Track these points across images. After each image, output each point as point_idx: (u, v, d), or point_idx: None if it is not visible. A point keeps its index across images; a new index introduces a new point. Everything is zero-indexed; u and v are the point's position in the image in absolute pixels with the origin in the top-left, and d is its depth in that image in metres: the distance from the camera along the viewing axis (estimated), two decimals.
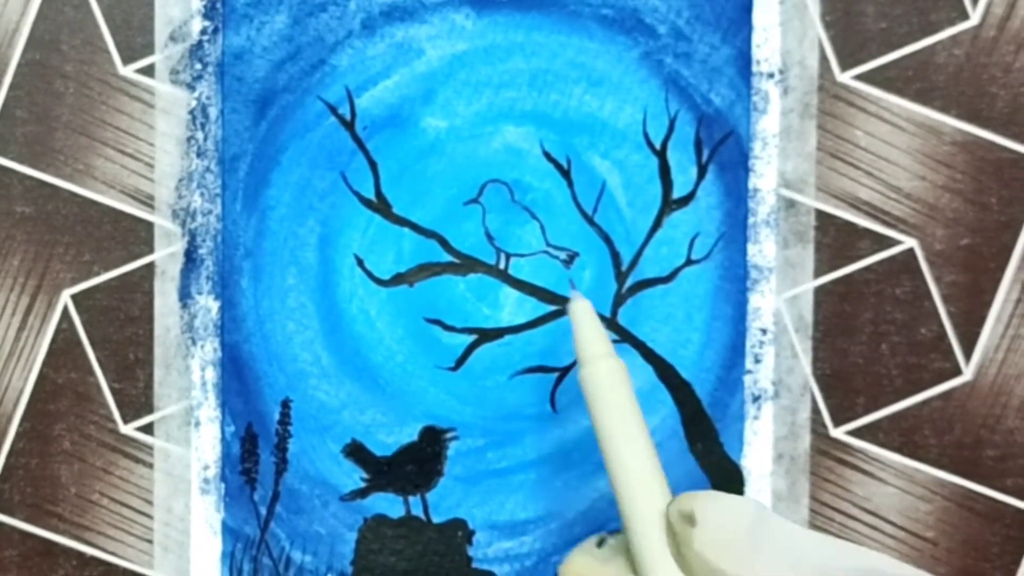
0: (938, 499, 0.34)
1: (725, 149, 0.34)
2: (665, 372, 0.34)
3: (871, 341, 0.34)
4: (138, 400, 0.34)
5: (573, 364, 0.34)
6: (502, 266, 0.34)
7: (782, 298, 0.34)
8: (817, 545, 0.25)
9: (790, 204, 0.34)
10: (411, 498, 0.34)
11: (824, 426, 0.34)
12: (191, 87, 0.34)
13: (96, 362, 0.34)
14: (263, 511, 0.34)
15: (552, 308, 0.34)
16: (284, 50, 0.34)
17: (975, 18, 0.34)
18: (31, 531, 0.34)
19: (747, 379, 0.34)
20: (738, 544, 0.25)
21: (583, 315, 0.30)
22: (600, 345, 0.30)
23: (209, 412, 0.34)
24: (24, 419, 0.34)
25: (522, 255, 0.34)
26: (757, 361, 0.34)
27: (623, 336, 0.34)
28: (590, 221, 0.34)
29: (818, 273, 0.34)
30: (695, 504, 0.26)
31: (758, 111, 0.34)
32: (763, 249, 0.34)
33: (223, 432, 0.34)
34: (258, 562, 0.34)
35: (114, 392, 0.34)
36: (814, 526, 0.34)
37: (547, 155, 0.34)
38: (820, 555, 0.24)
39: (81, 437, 0.34)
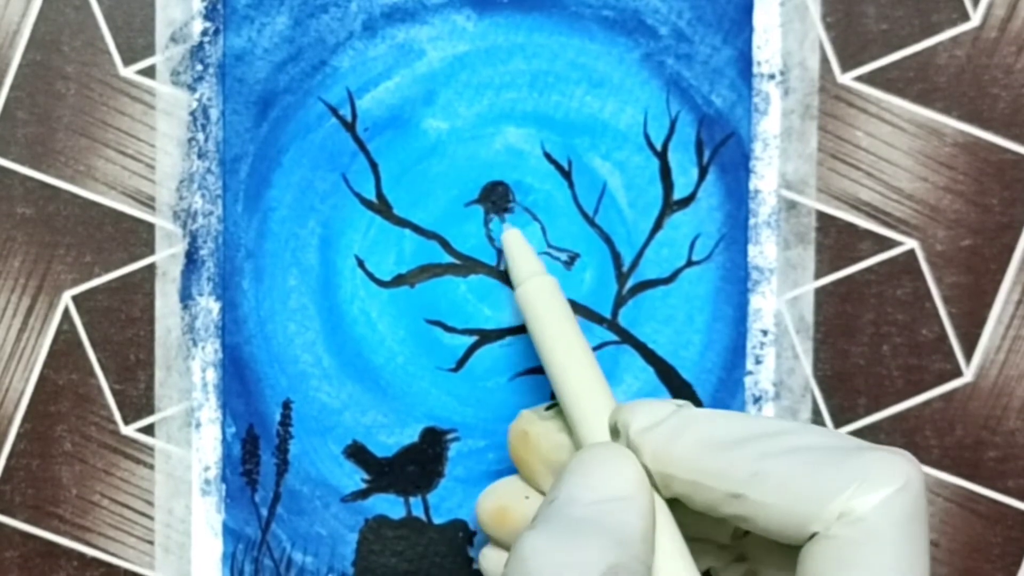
0: (939, 500, 0.34)
1: (726, 150, 0.34)
2: (666, 373, 0.34)
3: (872, 342, 0.34)
4: (139, 401, 0.34)
5: None
6: (503, 267, 0.34)
7: (783, 299, 0.34)
8: (734, 419, 0.26)
9: (791, 205, 0.34)
10: (412, 499, 0.34)
11: (825, 427, 0.34)
12: (192, 88, 0.34)
13: (97, 363, 0.34)
14: (264, 512, 0.34)
15: None
16: (285, 51, 0.34)
17: (976, 19, 0.34)
18: (32, 532, 0.34)
19: (748, 380, 0.34)
20: (659, 431, 0.26)
21: (514, 242, 0.32)
22: (533, 264, 0.31)
23: (210, 413, 0.34)
24: (25, 420, 0.34)
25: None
26: (758, 362, 0.34)
27: (624, 337, 0.34)
28: (591, 222, 0.34)
29: (819, 274, 0.34)
30: (623, 410, 0.27)
31: (759, 112, 0.34)
32: (764, 250, 0.34)
33: (224, 433, 0.34)
34: (259, 563, 0.34)
35: (115, 393, 0.34)
36: None
37: (548, 156, 0.34)
38: (735, 427, 0.25)
39: (82, 438, 0.34)
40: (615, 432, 0.27)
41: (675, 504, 0.26)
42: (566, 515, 0.25)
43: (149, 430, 0.34)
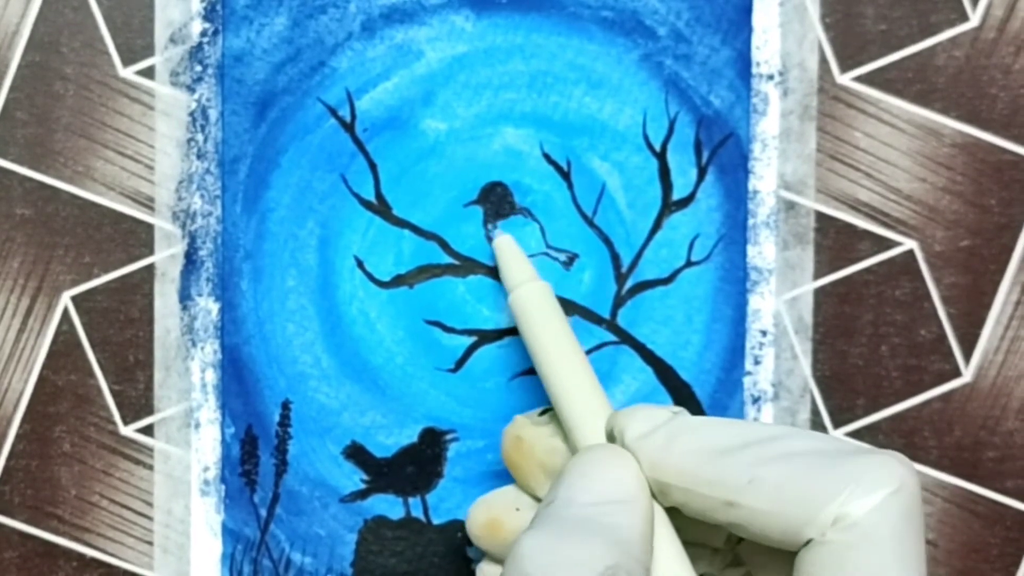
0: (938, 500, 0.34)
1: (725, 151, 0.34)
2: (665, 374, 0.34)
3: (871, 343, 0.34)
4: (138, 402, 0.34)
5: None
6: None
7: (782, 300, 0.34)
8: (729, 425, 0.26)
9: (790, 206, 0.34)
10: (411, 499, 0.34)
11: (824, 428, 0.34)
12: (191, 89, 0.34)
13: (96, 364, 0.34)
14: (263, 513, 0.34)
15: None
16: (284, 52, 0.34)
17: (975, 20, 0.34)
18: (31, 532, 0.34)
19: (747, 381, 0.34)
20: (654, 439, 0.26)
21: (506, 248, 0.32)
22: (525, 271, 0.32)
23: (209, 414, 0.34)
24: (24, 421, 0.34)
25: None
26: (757, 363, 0.34)
27: (622, 338, 0.34)
28: (590, 223, 0.34)
29: (818, 275, 0.34)
30: (619, 417, 0.27)
31: (758, 113, 0.34)
32: (763, 251, 0.34)
33: (223, 434, 0.34)
34: (258, 564, 0.34)
35: (114, 394, 0.34)
36: None
37: (547, 157, 0.34)
38: (729, 434, 0.26)
39: (81, 439, 0.34)
40: (611, 438, 0.27)
41: (671, 509, 0.26)
42: (565, 516, 0.25)
43: (148, 431, 0.34)
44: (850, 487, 0.23)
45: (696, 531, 0.28)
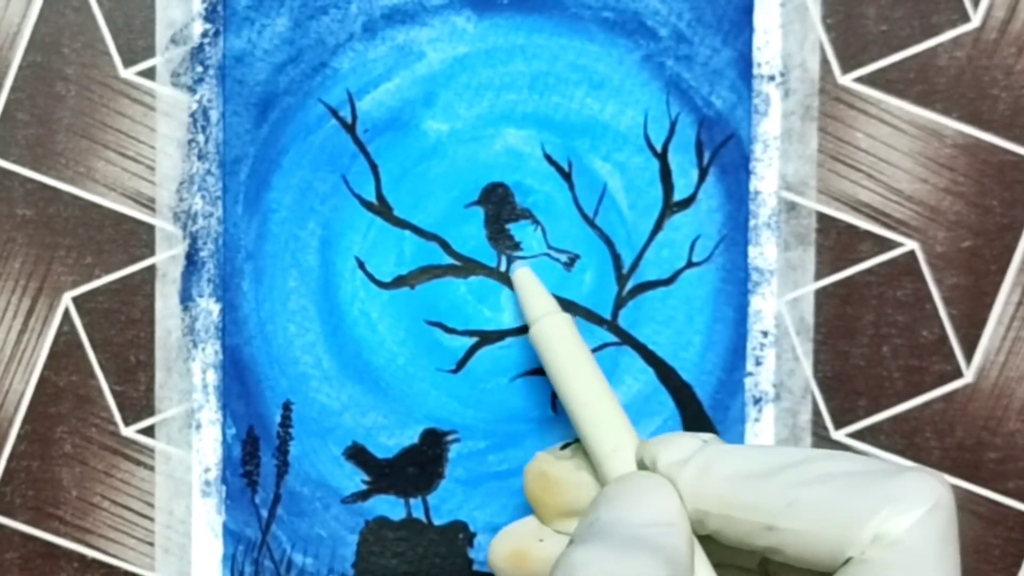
0: None
1: (726, 152, 0.34)
2: (666, 374, 0.34)
3: (872, 343, 0.34)
4: (139, 403, 0.34)
5: None
6: (503, 269, 0.34)
7: (783, 300, 0.34)
8: (762, 451, 0.26)
9: (791, 207, 0.34)
10: (412, 500, 0.34)
11: (825, 428, 0.34)
12: (192, 90, 0.34)
13: (97, 365, 0.34)
14: (264, 513, 0.34)
15: None
16: (285, 53, 0.34)
17: (976, 20, 0.34)
18: (32, 534, 0.34)
19: (748, 381, 0.34)
20: (689, 467, 0.26)
21: (526, 280, 0.32)
22: (547, 303, 0.31)
23: (210, 415, 0.34)
24: (25, 422, 0.34)
25: (523, 257, 0.34)
26: (758, 363, 0.34)
27: (624, 338, 0.34)
28: (591, 223, 0.34)
29: (819, 275, 0.34)
30: (650, 446, 0.27)
31: (759, 114, 0.34)
32: (764, 251, 0.34)
33: (224, 435, 0.34)
34: (259, 564, 0.34)
35: (115, 395, 0.34)
36: None
37: (548, 158, 0.34)
38: (763, 459, 0.26)
39: (82, 440, 0.34)
40: (642, 467, 0.27)
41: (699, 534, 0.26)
42: (616, 534, 0.25)
43: (149, 431, 0.34)
44: (889, 505, 0.24)
45: (725, 554, 0.28)
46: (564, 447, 0.31)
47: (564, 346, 0.30)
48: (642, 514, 0.26)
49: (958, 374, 0.34)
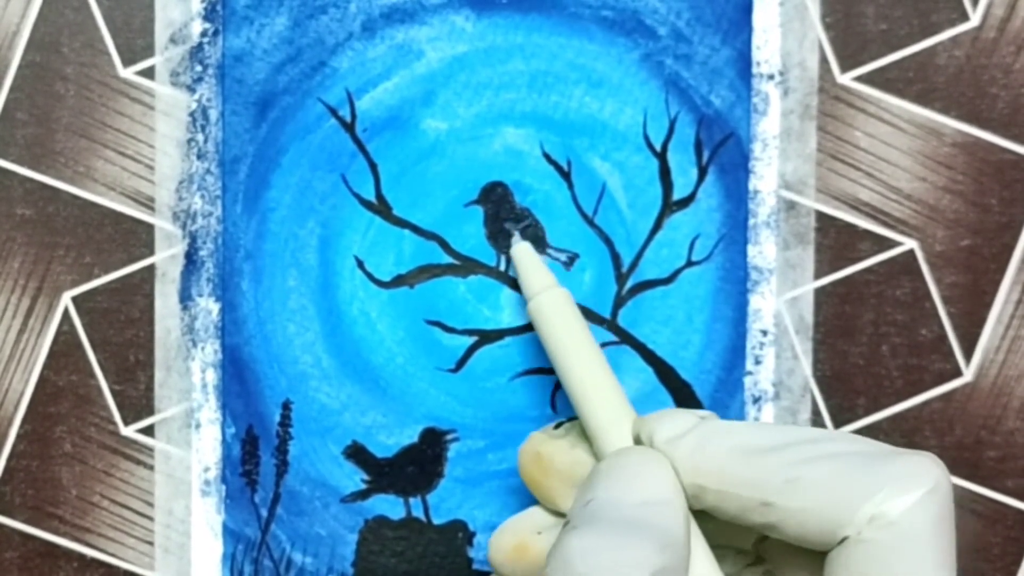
0: None
1: (725, 151, 0.34)
2: (665, 374, 0.34)
3: (871, 342, 0.34)
4: (139, 402, 0.34)
5: None
6: (502, 268, 0.34)
7: (782, 299, 0.34)
8: (760, 428, 0.26)
9: (790, 206, 0.34)
10: (412, 500, 0.34)
11: (824, 427, 0.34)
12: (191, 89, 0.34)
13: (97, 364, 0.34)
14: (264, 513, 0.34)
15: None
16: (284, 52, 0.34)
17: (975, 19, 0.34)
18: (32, 533, 0.34)
19: (747, 380, 0.34)
20: (686, 442, 0.26)
21: (525, 255, 0.32)
22: (545, 278, 0.31)
23: (210, 414, 0.34)
24: (25, 421, 0.34)
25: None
26: (757, 362, 0.34)
27: (623, 337, 0.34)
28: (590, 223, 0.34)
29: (818, 274, 0.34)
30: (647, 421, 0.27)
31: (758, 113, 0.34)
32: (763, 251, 0.34)
33: (224, 434, 0.34)
34: (259, 564, 0.34)
35: (115, 394, 0.34)
36: None
37: (547, 157, 0.34)
38: (762, 436, 0.26)
39: (82, 439, 0.34)
40: (638, 443, 0.27)
41: (695, 511, 0.26)
42: (611, 516, 0.25)
43: (149, 431, 0.34)
44: (887, 486, 0.24)
45: (720, 532, 0.28)
46: (558, 426, 0.31)
47: (562, 320, 0.30)
48: (637, 492, 0.25)
49: (957, 373, 0.34)
